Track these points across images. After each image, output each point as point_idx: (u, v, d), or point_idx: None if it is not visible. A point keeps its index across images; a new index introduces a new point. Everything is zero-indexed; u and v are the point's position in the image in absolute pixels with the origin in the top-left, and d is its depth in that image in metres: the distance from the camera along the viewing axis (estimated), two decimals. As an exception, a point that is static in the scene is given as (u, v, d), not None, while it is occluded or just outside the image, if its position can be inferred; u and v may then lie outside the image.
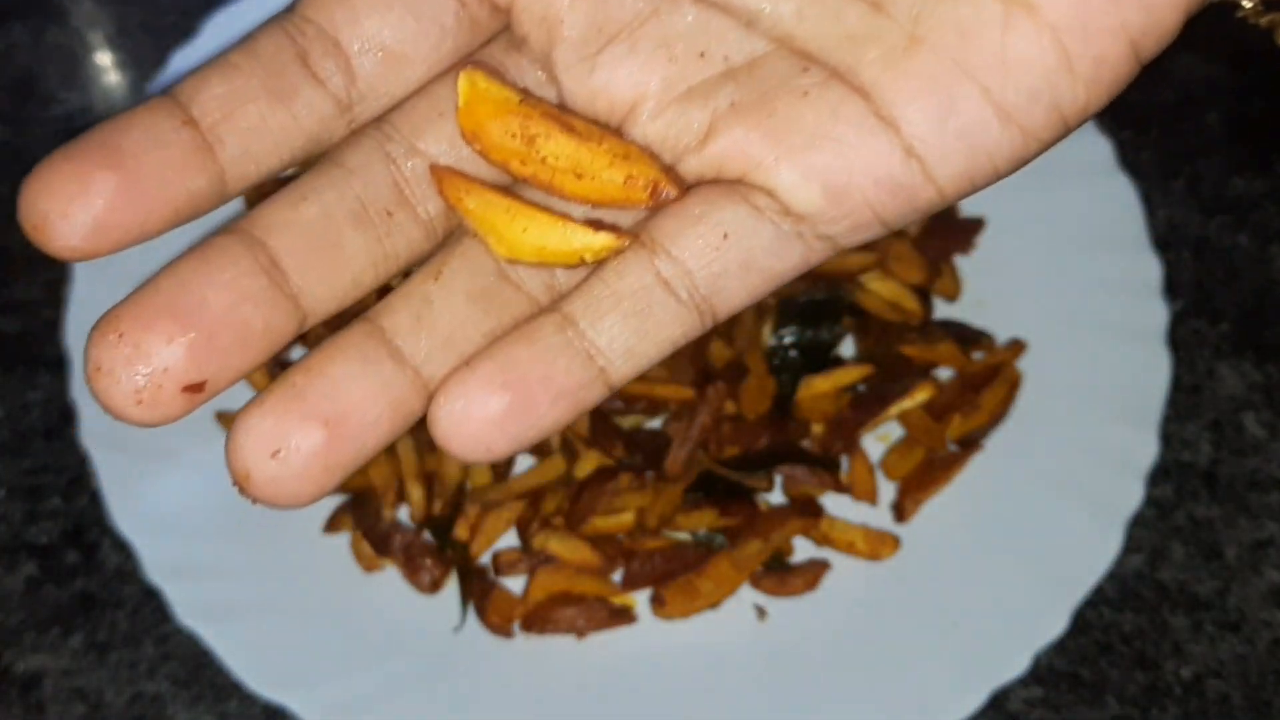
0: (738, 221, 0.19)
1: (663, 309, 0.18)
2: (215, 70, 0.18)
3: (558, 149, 0.18)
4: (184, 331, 0.17)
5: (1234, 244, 0.52)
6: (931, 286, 0.49)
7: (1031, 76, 0.19)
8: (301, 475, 0.17)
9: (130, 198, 0.17)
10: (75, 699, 0.42)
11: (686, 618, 0.43)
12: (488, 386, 0.17)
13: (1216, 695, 0.43)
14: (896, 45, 0.19)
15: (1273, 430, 0.48)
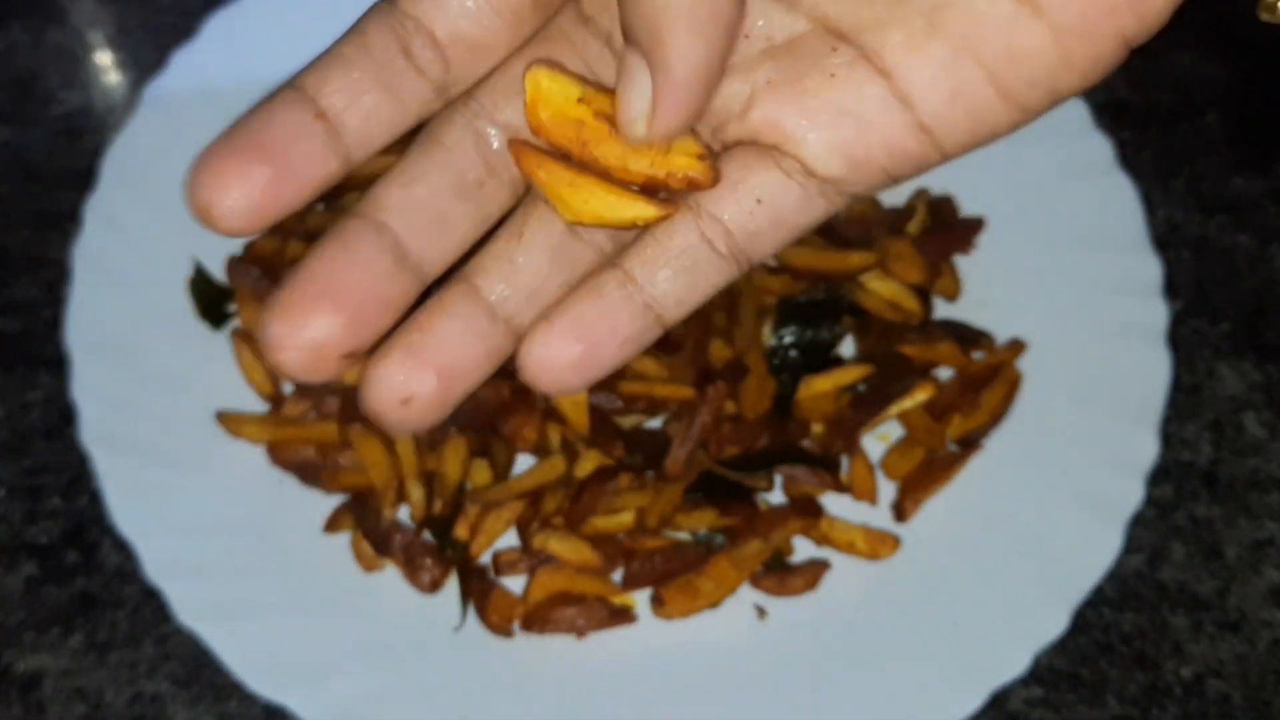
0: (770, 186, 0.22)
1: (707, 263, 0.22)
2: (333, 63, 0.21)
3: (607, 150, 0.21)
4: (339, 311, 0.20)
5: (1234, 244, 0.52)
6: (931, 286, 0.49)
7: (1033, 67, 0.22)
8: (421, 415, 0.21)
9: (281, 184, 0.20)
10: (75, 699, 0.42)
11: (686, 617, 0.43)
12: (565, 337, 0.21)
13: (1217, 695, 0.43)
14: (917, 30, 0.22)
15: (1273, 430, 0.48)
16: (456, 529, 0.44)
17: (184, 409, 0.46)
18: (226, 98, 0.52)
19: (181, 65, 0.52)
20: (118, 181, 0.50)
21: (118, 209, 0.49)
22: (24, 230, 0.52)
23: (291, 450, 0.45)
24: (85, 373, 0.45)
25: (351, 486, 0.45)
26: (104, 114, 0.55)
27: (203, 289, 0.49)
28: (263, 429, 0.45)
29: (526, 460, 0.46)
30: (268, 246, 0.49)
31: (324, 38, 0.63)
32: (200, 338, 0.48)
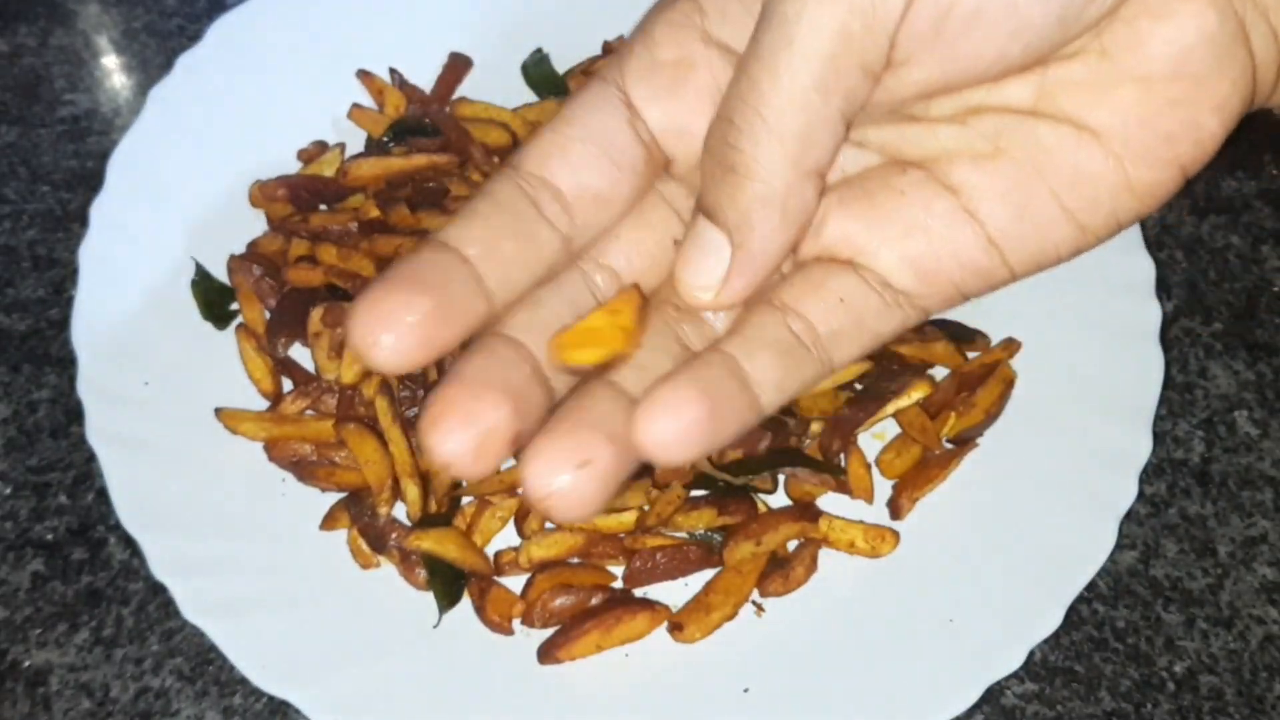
0: (850, 289, 0.24)
1: (799, 354, 0.23)
2: (469, 218, 0.22)
3: None
4: (503, 402, 0.21)
5: (1226, 244, 0.53)
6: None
7: (1096, 189, 0.23)
8: (589, 492, 0.21)
9: (441, 317, 0.21)
10: (81, 694, 0.43)
11: (708, 637, 0.43)
12: (684, 401, 0.22)
13: (1209, 690, 0.44)
14: (983, 153, 0.23)
15: (1264, 428, 0.49)
16: (453, 525, 0.44)
17: (189, 407, 0.46)
18: (231, 101, 0.53)
19: (186, 69, 0.53)
20: (123, 183, 0.50)
21: (124, 210, 0.50)
22: (31, 231, 0.53)
23: (288, 447, 0.46)
24: (92, 371, 0.46)
25: (347, 484, 0.45)
26: (110, 116, 0.56)
27: (205, 289, 0.49)
28: (260, 426, 0.46)
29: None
30: (270, 245, 0.50)
31: (326, 41, 0.63)
32: (205, 336, 0.48)
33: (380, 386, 0.46)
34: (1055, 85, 0.23)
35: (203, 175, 0.51)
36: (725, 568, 0.44)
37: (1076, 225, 0.23)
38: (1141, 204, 0.23)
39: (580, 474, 0.21)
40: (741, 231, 0.22)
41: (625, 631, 0.42)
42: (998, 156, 0.23)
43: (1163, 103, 0.23)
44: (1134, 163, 0.23)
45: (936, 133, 0.24)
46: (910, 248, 0.23)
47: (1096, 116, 0.23)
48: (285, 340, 0.48)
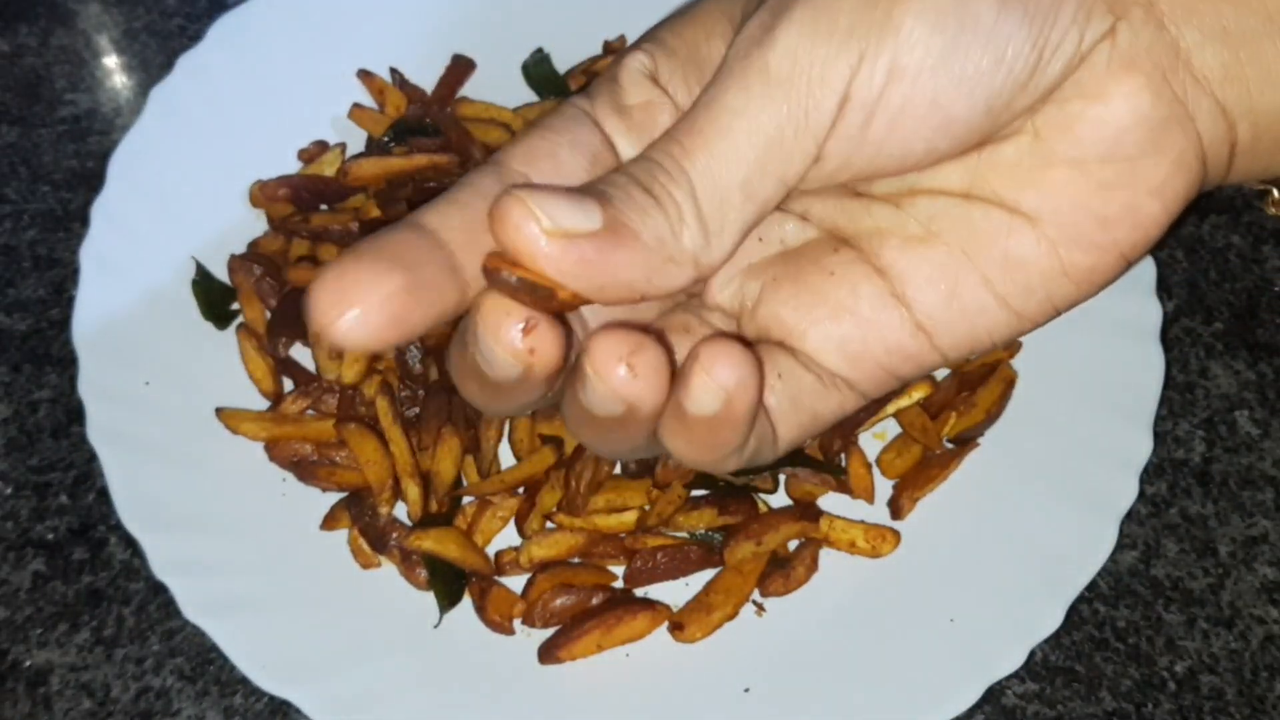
0: (788, 368, 0.23)
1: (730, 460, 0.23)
2: (449, 205, 0.21)
3: None
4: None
5: (1227, 244, 0.53)
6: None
7: (1028, 274, 0.23)
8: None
9: (411, 297, 0.20)
10: (82, 693, 0.43)
11: (708, 637, 0.43)
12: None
13: (1210, 690, 0.44)
14: (914, 236, 0.23)
15: (1265, 428, 0.49)
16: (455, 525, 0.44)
17: (190, 407, 0.46)
18: (232, 101, 0.53)
19: (187, 68, 0.53)
20: (124, 183, 0.50)
21: (124, 210, 0.50)
22: (31, 231, 0.53)
23: (289, 447, 0.46)
24: (92, 371, 0.46)
25: (348, 484, 0.45)
26: (111, 116, 0.56)
27: (206, 289, 0.49)
28: (260, 426, 0.46)
29: (513, 460, 0.46)
30: (271, 244, 0.50)
31: (327, 41, 0.63)
32: (206, 336, 0.48)
33: (381, 386, 0.46)
34: (987, 168, 0.23)
35: (203, 175, 0.51)
36: (726, 567, 0.44)
37: (1009, 310, 0.23)
38: (1078, 289, 0.23)
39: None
40: (617, 229, 0.21)
41: (626, 631, 0.43)
42: (929, 240, 0.23)
43: (1096, 186, 0.22)
44: (1068, 247, 0.22)
45: (872, 211, 0.24)
46: (836, 330, 0.23)
47: (1028, 200, 0.22)
48: (286, 340, 0.48)
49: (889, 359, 0.23)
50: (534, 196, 0.20)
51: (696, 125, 0.21)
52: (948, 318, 0.23)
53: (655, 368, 0.20)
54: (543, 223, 0.20)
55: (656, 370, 0.20)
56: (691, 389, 0.21)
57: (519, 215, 0.20)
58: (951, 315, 0.23)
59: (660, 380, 0.21)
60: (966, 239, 0.23)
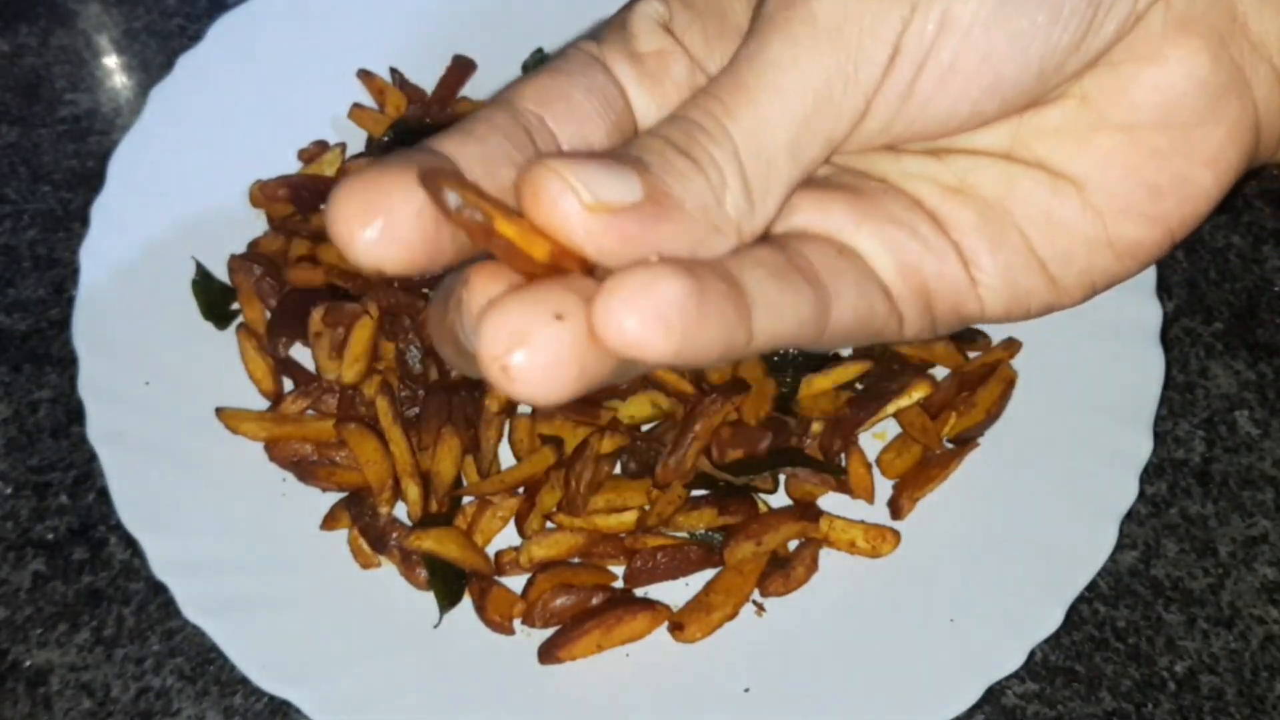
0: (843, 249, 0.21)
1: (795, 281, 0.20)
2: (465, 138, 0.19)
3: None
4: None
5: (1227, 244, 0.53)
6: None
7: (1071, 240, 0.21)
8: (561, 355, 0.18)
9: (435, 219, 0.18)
10: (82, 693, 0.43)
11: (708, 637, 0.43)
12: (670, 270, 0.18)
13: (1210, 690, 0.44)
14: (950, 186, 0.21)
15: (1265, 428, 0.49)
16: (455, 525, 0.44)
17: (190, 407, 0.46)
18: (232, 101, 0.53)
19: (187, 69, 0.53)
20: (124, 183, 0.50)
21: (124, 210, 0.50)
22: (31, 230, 0.53)
23: (288, 447, 0.46)
24: (92, 371, 0.46)
25: (348, 484, 0.45)
26: (111, 116, 0.56)
27: (206, 289, 0.49)
28: (260, 426, 0.46)
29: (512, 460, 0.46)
30: (271, 244, 0.50)
31: (327, 41, 0.63)
32: (206, 336, 0.48)
33: (381, 386, 0.46)
34: (1030, 132, 0.22)
35: (203, 175, 0.51)
36: (726, 567, 0.44)
37: (1047, 277, 0.22)
38: (1121, 264, 0.22)
39: (554, 329, 0.17)
40: (659, 200, 0.18)
41: (626, 631, 0.43)
42: (967, 192, 0.22)
43: (1147, 154, 0.21)
44: (1115, 217, 0.21)
45: (902, 161, 0.22)
46: (893, 235, 0.21)
47: (1075, 166, 0.21)
48: (286, 340, 0.48)
49: (939, 286, 0.21)
50: (569, 166, 0.18)
51: (740, 80, 0.20)
52: (992, 269, 0.21)
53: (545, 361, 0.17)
54: (582, 196, 0.18)
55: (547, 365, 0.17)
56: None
57: (555, 188, 0.17)
58: (997, 267, 0.21)
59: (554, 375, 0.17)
60: (1006, 195, 0.21)
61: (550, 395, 0.17)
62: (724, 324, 0.18)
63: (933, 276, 0.21)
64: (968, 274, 0.21)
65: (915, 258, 0.21)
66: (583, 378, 0.17)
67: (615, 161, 0.19)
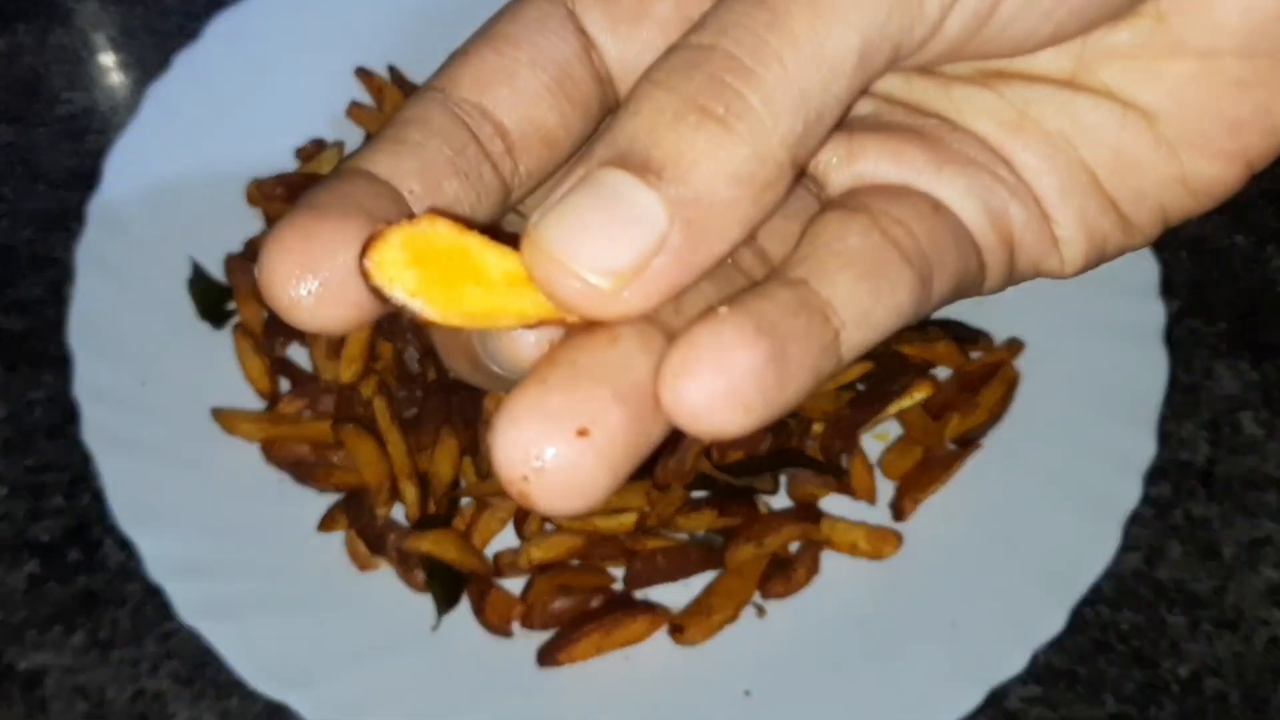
0: (936, 201, 0.18)
1: (894, 269, 0.17)
2: (401, 149, 0.17)
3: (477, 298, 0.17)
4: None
5: (1231, 243, 0.53)
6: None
7: (1141, 178, 0.19)
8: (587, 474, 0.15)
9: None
10: (77, 696, 0.42)
11: (709, 639, 0.42)
12: (741, 334, 0.15)
13: (1214, 693, 0.43)
14: (1008, 121, 0.19)
15: (1270, 429, 0.49)
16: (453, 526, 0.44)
17: (187, 408, 0.46)
18: (229, 99, 0.53)
19: (184, 67, 0.53)
20: (121, 182, 0.50)
21: (121, 209, 0.49)
22: (28, 230, 0.52)
23: (285, 448, 0.45)
24: (88, 372, 0.46)
25: (345, 485, 0.45)
26: (107, 115, 0.55)
27: (202, 288, 0.49)
28: (257, 426, 0.45)
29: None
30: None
31: (324, 39, 0.63)
32: (203, 336, 0.48)
33: (379, 387, 0.46)
34: (1096, 55, 0.19)
35: (200, 174, 0.51)
36: (727, 570, 0.44)
37: (1120, 217, 0.19)
38: (1196, 201, 0.19)
39: (576, 446, 0.15)
40: (697, 208, 0.15)
41: (625, 634, 0.42)
42: (1025, 125, 0.19)
43: (1229, 83, 0.19)
44: (1190, 152, 0.19)
45: (951, 92, 0.19)
46: (964, 177, 0.18)
47: (1147, 95, 0.19)
48: (283, 340, 0.48)
49: (1024, 236, 0.19)
50: (571, 242, 0.15)
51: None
52: (1067, 215, 0.19)
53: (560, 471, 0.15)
54: (598, 284, 0.15)
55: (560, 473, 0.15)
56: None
57: (562, 285, 0.15)
58: (1071, 212, 0.19)
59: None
60: (1070, 129, 0.19)
61: (577, 509, 0.15)
62: (810, 369, 0.16)
63: (1019, 225, 0.19)
64: (1046, 222, 0.19)
65: (1001, 204, 0.19)
66: (615, 481, 0.15)
67: (624, 189, 0.15)
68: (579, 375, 0.15)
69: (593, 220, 0.15)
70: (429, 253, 0.15)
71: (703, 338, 0.15)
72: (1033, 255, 0.19)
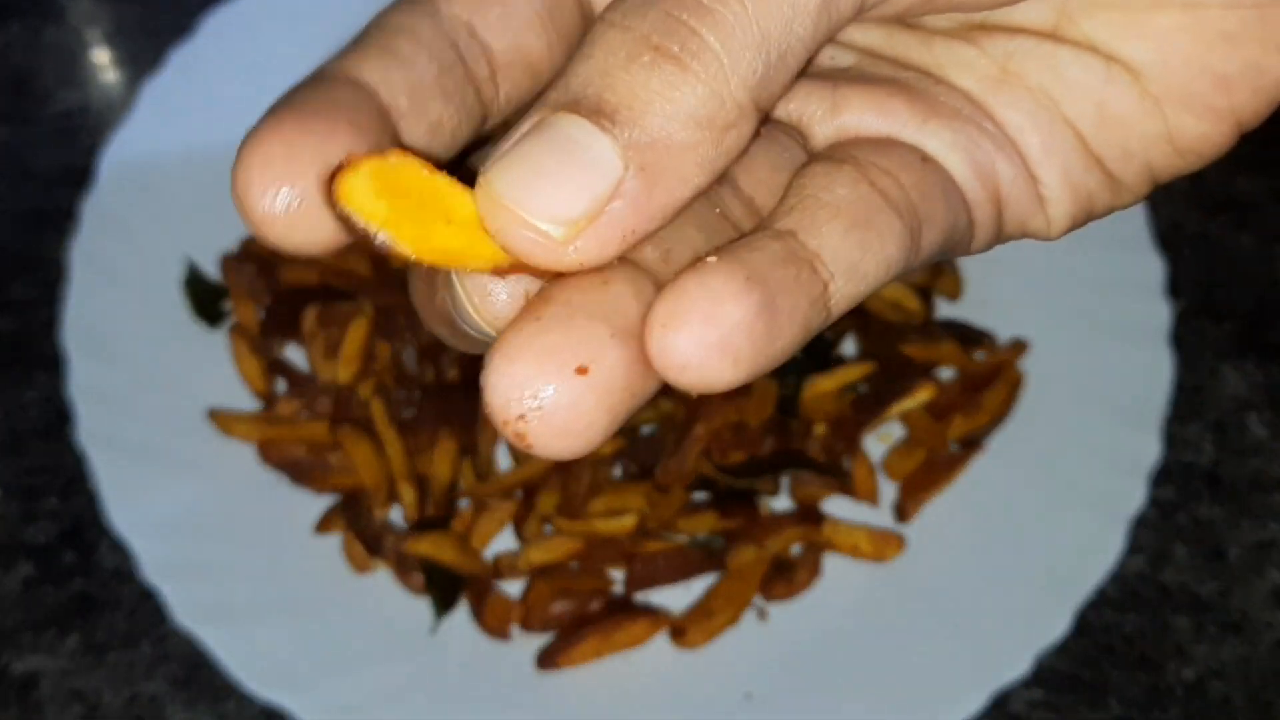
0: (925, 153, 0.18)
1: (883, 220, 0.17)
2: (389, 58, 0.16)
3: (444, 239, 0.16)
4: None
5: (1237, 243, 0.52)
6: (933, 286, 0.49)
7: (1127, 135, 0.19)
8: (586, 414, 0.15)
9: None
10: (73, 700, 0.42)
11: (710, 641, 0.42)
12: (732, 284, 0.15)
13: (1218, 696, 0.43)
14: (990, 76, 0.19)
15: (1275, 431, 0.48)
16: (452, 528, 0.44)
17: (182, 409, 0.46)
18: (224, 96, 0.52)
19: (179, 64, 0.52)
20: (115, 180, 0.49)
21: (115, 208, 0.49)
22: (20, 229, 0.52)
23: (282, 449, 0.45)
24: (82, 372, 0.45)
25: (342, 487, 0.45)
26: (101, 112, 0.55)
27: (197, 288, 0.48)
28: (254, 427, 0.45)
29: (509, 463, 0.46)
30: (264, 245, 0.49)
31: (320, 34, 0.63)
32: (198, 337, 0.48)
33: (376, 387, 0.45)
34: (1080, 6, 0.18)
35: (195, 172, 0.50)
36: (728, 572, 0.43)
37: (1105, 174, 0.19)
38: (1184, 160, 0.19)
39: (576, 385, 0.14)
40: (652, 151, 0.15)
41: (625, 637, 0.42)
42: (1009, 81, 0.18)
43: (1216, 37, 0.18)
44: (1176, 109, 0.18)
45: (933, 46, 0.19)
46: (952, 131, 0.18)
47: (1131, 49, 0.18)
48: (279, 340, 0.47)
49: (1010, 191, 0.18)
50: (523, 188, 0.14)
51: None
52: (1050, 171, 0.18)
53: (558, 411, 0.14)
54: (550, 233, 0.14)
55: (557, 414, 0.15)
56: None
57: (515, 235, 0.14)
58: (1054, 169, 0.18)
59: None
60: (1053, 84, 0.18)
61: (575, 454, 0.15)
62: (800, 321, 0.16)
63: (1006, 181, 0.18)
64: (1031, 178, 0.18)
65: (988, 159, 0.18)
66: (615, 424, 0.15)
67: (577, 134, 0.14)
68: (575, 313, 0.15)
69: (545, 167, 0.14)
70: (399, 187, 0.15)
71: (691, 287, 0.15)
72: (1019, 213, 0.19)
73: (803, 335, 0.16)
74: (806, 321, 0.16)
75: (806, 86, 0.18)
